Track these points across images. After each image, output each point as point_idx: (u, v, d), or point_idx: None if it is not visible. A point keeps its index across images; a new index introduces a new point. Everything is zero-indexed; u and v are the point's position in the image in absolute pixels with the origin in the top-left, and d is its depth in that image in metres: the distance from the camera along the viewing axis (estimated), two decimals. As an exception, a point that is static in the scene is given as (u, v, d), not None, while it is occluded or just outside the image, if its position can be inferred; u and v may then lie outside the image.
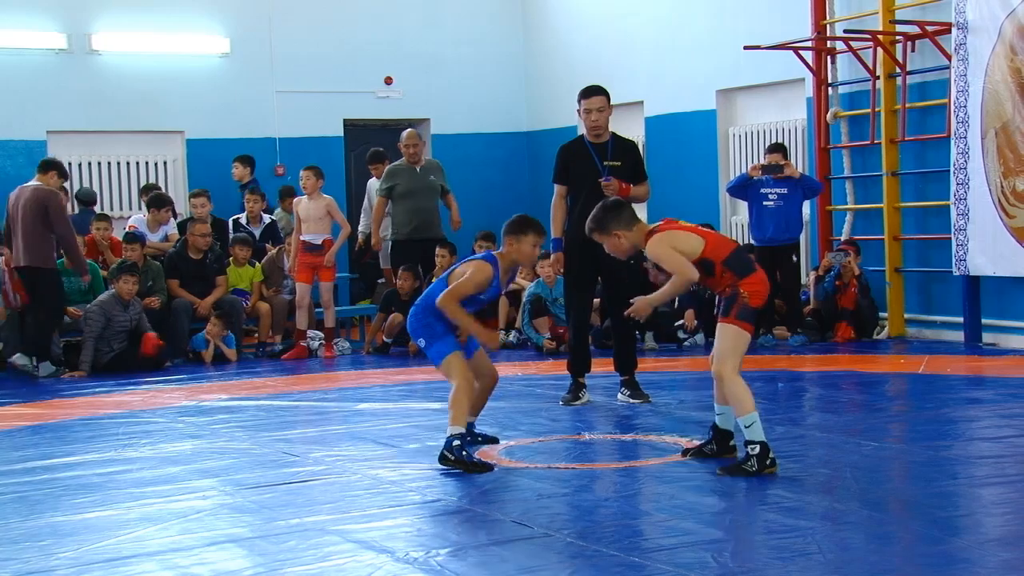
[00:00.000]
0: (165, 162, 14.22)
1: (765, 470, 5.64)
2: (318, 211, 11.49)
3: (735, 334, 5.77)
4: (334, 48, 14.89)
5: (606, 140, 8.05)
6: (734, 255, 5.85)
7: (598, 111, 8.00)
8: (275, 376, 10.33)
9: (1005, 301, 10.66)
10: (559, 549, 4.62)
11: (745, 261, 5.90)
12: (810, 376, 9.44)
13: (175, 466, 6.50)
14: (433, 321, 6.32)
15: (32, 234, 10.59)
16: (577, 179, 8.00)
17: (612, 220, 5.98)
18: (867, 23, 11.41)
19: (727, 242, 6.02)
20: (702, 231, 5.96)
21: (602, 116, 8.01)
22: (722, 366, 5.78)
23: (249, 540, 4.91)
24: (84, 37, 13.77)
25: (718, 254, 5.81)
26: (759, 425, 5.68)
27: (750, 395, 5.71)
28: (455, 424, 6.13)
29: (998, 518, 5.01)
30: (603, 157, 8.00)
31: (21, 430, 7.92)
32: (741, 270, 5.82)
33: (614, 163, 7.98)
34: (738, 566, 4.32)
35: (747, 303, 5.78)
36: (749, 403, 5.68)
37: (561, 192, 8.09)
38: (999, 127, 10.19)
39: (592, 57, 14.89)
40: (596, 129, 8.02)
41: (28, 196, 10.65)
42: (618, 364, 8.21)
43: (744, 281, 5.79)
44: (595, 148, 8.04)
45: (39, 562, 4.69)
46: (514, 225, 6.51)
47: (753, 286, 5.81)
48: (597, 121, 8.01)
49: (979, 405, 7.72)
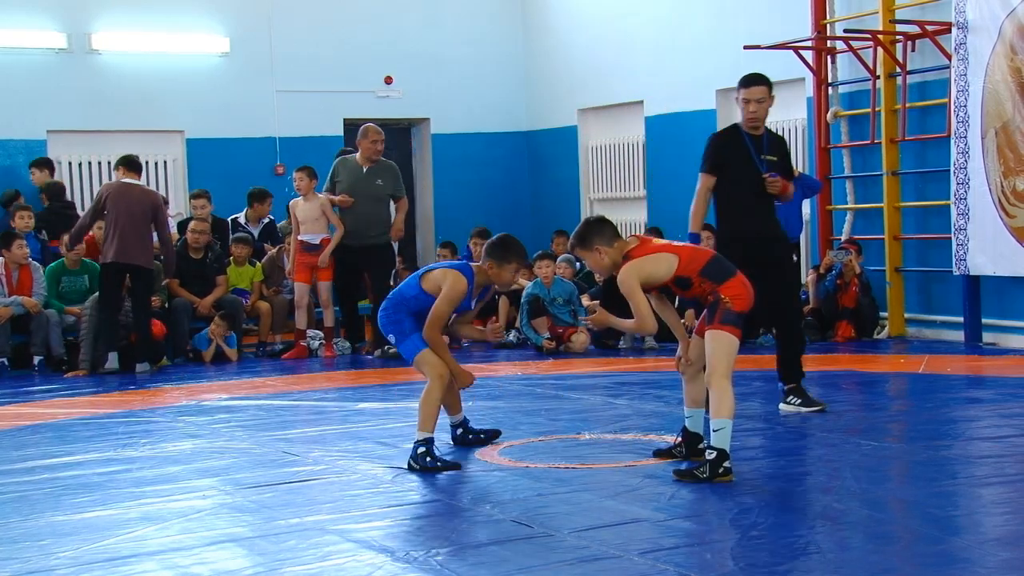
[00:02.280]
0: (165, 162, 14.22)
1: (717, 478, 5.56)
2: (314, 211, 11.50)
3: (722, 340, 5.72)
4: (334, 48, 14.88)
5: (762, 133, 7.51)
6: (709, 264, 5.80)
7: (757, 102, 7.41)
8: (275, 376, 10.33)
9: (1005, 301, 10.66)
10: (559, 549, 4.62)
11: (722, 267, 5.83)
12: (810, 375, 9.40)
13: (175, 465, 6.50)
14: (402, 318, 6.35)
15: (142, 234, 10.67)
16: (733, 173, 7.40)
17: (595, 236, 5.88)
18: (867, 23, 11.41)
19: (702, 253, 5.92)
20: (675, 247, 5.89)
21: (762, 107, 7.42)
22: (714, 371, 5.72)
23: (249, 539, 4.91)
24: (84, 36, 13.76)
25: (692, 268, 5.77)
26: (728, 433, 5.62)
27: (733, 404, 5.66)
28: (423, 429, 6.17)
29: (998, 518, 5.01)
30: (761, 151, 7.45)
31: (21, 429, 7.92)
32: (718, 276, 5.77)
33: (771, 158, 7.47)
34: (738, 566, 4.32)
35: (730, 308, 5.73)
36: (728, 410, 5.62)
37: (708, 184, 7.45)
38: (999, 127, 10.18)
39: (592, 57, 14.89)
40: (754, 121, 7.43)
41: (137, 196, 10.71)
42: (783, 371, 7.56)
43: (723, 286, 5.75)
44: (752, 141, 7.46)
45: (39, 561, 4.69)
46: (498, 249, 6.38)
47: (733, 290, 5.76)
48: (756, 113, 7.42)
49: (979, 405, 7.72)
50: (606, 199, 15.07)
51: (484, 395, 8.67)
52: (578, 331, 11.35)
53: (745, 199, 7.39)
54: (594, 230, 5.89)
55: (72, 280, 11.33)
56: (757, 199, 7.41)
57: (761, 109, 7.43)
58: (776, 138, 7.73)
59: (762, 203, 7.45)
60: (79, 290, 11.34)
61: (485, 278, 6.40)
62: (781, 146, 7.68)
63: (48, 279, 11.25)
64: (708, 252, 5.97)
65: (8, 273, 11.09)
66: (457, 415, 6.80)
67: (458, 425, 6.82)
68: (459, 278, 6.29)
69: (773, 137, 7.66)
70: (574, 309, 11.56)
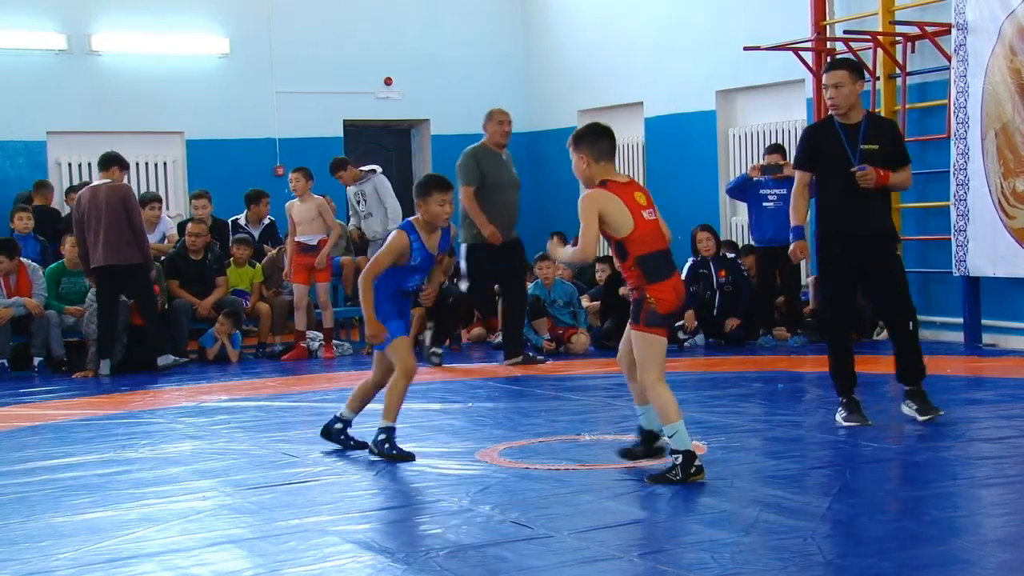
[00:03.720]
0: (165, 163, 14.22)
1: (690, 478, 5.56)
2: (310, 212, 11.50)
3: (648, 342, 5.67)
4: (334, 49, 14.89)
5: (858, 121, 6.97)
6: (652, 256, 5.69)
7: (835, 87, 6.92)
8: (275, 377, 10.33)
9: (1005, 302, 10.66)
10: (559, 550, 4.62)
11: (660, 267, 5.71)
12: (810, 377, 9.43)
13: (175, 467, 6.50)
14: (379, 303, 6.35)
15: (116, 232, 10.47)
16: (825, 166, 6.99)
17: (587, 142, 5.86)
18: (867, 24, 11.41)
19: (655, 241, 5.72)
20: (643, 219, 5.71)
21: (840, 93, 6.91)
22: (644, 376, 5.71)
23: (249, 541, 4.91)
24: (84, 38, 13.77)
25: (638, 248, 5.67)
26: (684, 434, 5.59)
27: (675, 404, 5.63)
28: (386, 418, 6.37)
29: (998, 519, 5.01)
30: (855, 141, 6.94)
31: (21, 430, 7.92)
32: (652, 274, 5.67)
33: (870, 147, 6.91)
34: (738, 566, 4.32)
35: (654, 309, 5.64)
36: (673, 412, 5.60)
37: (804, 180, 7.09)
38: (999, 128, 10.18)
39: (592, 58, 14.90)
40: (835, 109, 6.98)
41: (105, 194, 10.54)
42: (900, 373, 7.16)
43: (652, 286, 5.66)
44: (845, 130, 6.96)
45: (39, 563, 4.69)
46: (419, 187, 6.51)
47: (662, 293, 5.65)
48: (834, 99, 6.95)
49: (979, 406, 7.72)
50: (606, 200, 15.05)
51: (484, 396, 8.68)
52: (578, 332, 11.35)
53: (835, 195, 6.98)
54: (591, 139, 5.88)
55: (72, 281, 11.33)
56: (848, 194, 6.92)
57: (839, 95, 6.91)
58: (880, 124, 7.17)
59: (855, 198, 6.91)
60: (79, 291, 11.33)
61: (423, 224, 6.44)
62: (886, 133, 7.06)
63: (48, 280, 11.25)
64: (659, 244, 5.75)
65: (6, 275, 11.09)
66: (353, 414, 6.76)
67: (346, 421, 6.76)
68: (398, 234, 6.42)
69: (876, 123, 7.11)
70: (574, 310, 11.57)
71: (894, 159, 6.99)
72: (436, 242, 6.51)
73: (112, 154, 10.92)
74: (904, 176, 7.06)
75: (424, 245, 6.42)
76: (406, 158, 16.02)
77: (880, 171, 6.85)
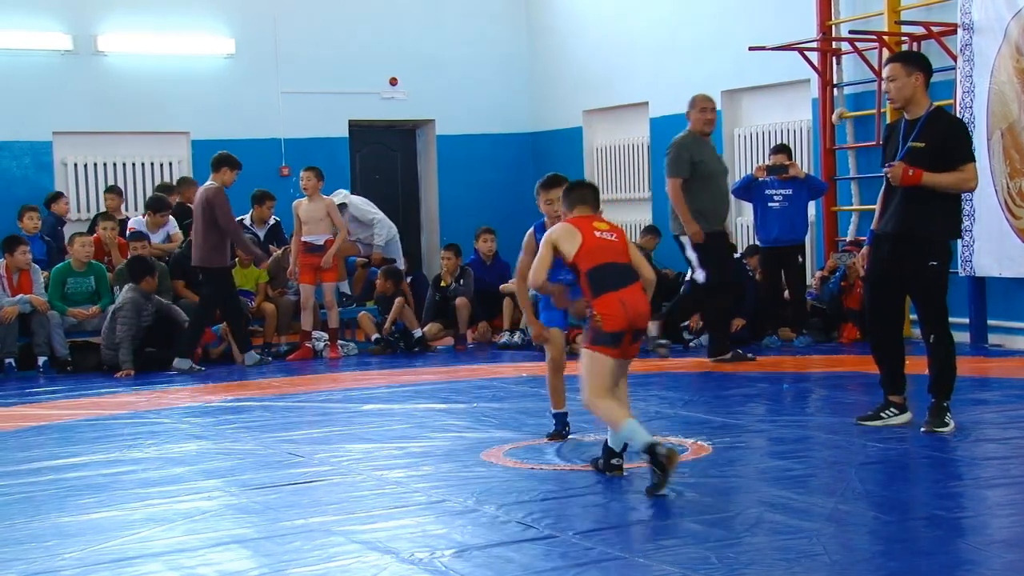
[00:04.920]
0: (170, 163, 14.23)
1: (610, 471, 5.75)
2: (319, 212, 11.53)
3: (590, 360, 5.68)
4: (338, 49, 14.89)
5: (919, 116, 6.67)
6: (598, 270, 5.67)
7: (889, 80, 6.67)
8: (280, 377, 10.34)
9: (1011, 302, 10.64)
10: (564, 550, 4.62)
11: (605, 279, 5.66)
12: (815, 377, 9.43)
13: (180, 467, 6.51)
14: (542, 300, 6.63)
15: (201, 234, 10.75)
16: (884, 162, 6.81)
17: (565, 194, 6.10)
18: (872, 24, 11.39)
19: (605, 255, 5.71)
20: (593, 237, 5.74)
21: (893, 86, 6.65)
22: (582, 394, 5.74)
23: (254, 541, 4.92)
24: (89, 38, 13.77)
25: (586, 262, 5.70)
26: (638, 430, 5.54)
27: (616, 408, 5.63)
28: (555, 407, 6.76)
29: (1004, 519, 5.00)
30: (908, 137, 6.67)
31: (26, 430, 7.93)
32: (596, 288, 5.65)
33: (918, 144, 6.60)
34: (743, 567, 4.31)
35: (600, 328, 5.60)
36: (619, 416, 5.59)
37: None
38: (1005, 128, 10.17)
39: (596, 58, 14.89)
40: (892, 103, 6.80)
41: (199, 196, 10.88)
42: (928, 383, 6.88)
43: (597, 300, 5.64)
44: (907, 126, 6.71)
45: (44, 562, 4.70)
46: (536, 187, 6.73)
47: (606, 308, 5.61)
48: (890, 93, 6.71)
49: (985, 406, 7.71)
50: (611, 200, 15.05)
51: (489, 396, 8.68)
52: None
53: (886, 192, 6.81)
54: (569, 189, 6.08)
55: (78, 281, 11.34)
56: (889, 192, 6.76)
57: (893, 88, 6.66)
58: (936, 120, 6.71)
59: (894, 196, 6.71)
60: (85, 291, 11.35)
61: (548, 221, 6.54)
62: (937, 130, 6.65)
63: (53, 280, 11.26)
64: (608, 257, 5.71)
65: (9, 275, 11.12)
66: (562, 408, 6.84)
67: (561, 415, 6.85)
68: (530, 232, 6.66)
69: (933, 119, 6.69)
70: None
71: (943, 158, 6.60)
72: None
73: (221, 155, 11.10)
74: (951, 178, 6.60)
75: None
76: (411, 158, 16.02)
77: (910, 169, 6.55)
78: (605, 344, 5.63)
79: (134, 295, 10.74)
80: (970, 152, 6.73)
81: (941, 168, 6.59)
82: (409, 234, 15.84)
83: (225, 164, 10.92)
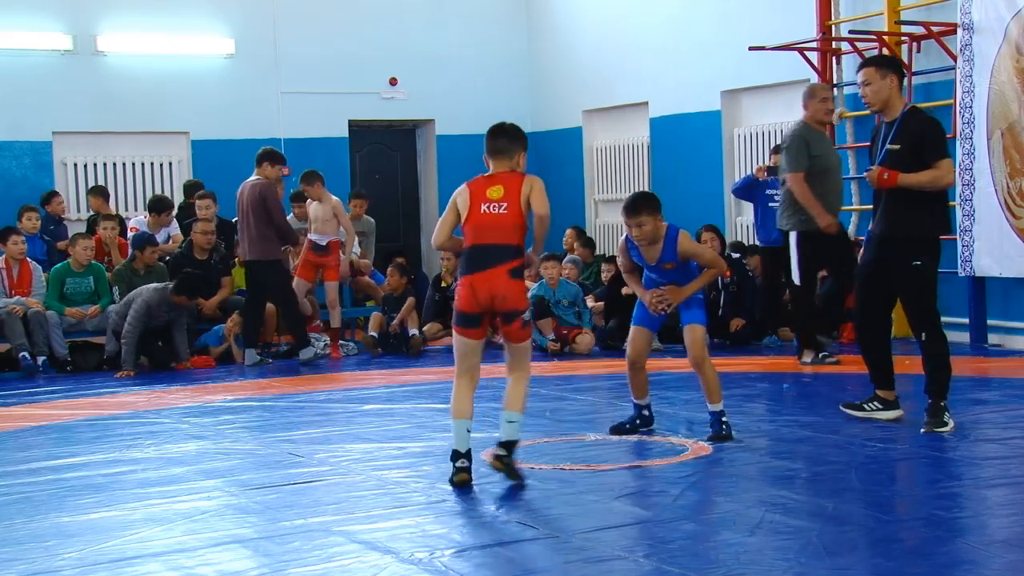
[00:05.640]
0: (170, 163, 14.23)
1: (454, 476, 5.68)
2: (326, 212, 11.59)
3: (453, 340, 5.82)
4: (339, 49, 14.89)
5: (895, 118, 6.74)
6: (469, 250, 5.74)
7: (864, 84, 6.78)
8: (280, 377, 10.33)
9: (1011, 302, 10.65)
10: (563, 550, 4.62)
11: (469, 262, 5.71)
12: (815, 377, 9.43)
13: (180, 467, 6.51)
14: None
15: (254, 228, 10.80)
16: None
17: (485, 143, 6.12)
18: (872, 24, 11.39)
19: (479, 234, 5.71)
20: (478, 212, 5.71)
21: (869, 90, 6.75)
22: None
23: (254, 541, 4.91)
24: (89, 38, 13.78)
25: (466, 241, 5.77)
26: (459, 434, 5.68)
27: (458, 400, 5.72)
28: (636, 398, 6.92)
29: (1003, 519, 5.00)
30: (886, 139, 6.77)
31: (26, 430, 7.93)
32: (463, 267, 5.77)
33: (893, 146, 6.71)
34: (743, 567, 4.31)
35: (456, 307, 5.77)
36: (454, 410, 5.73)
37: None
38: (1005, 128, 10.17)
39: (596, 58, 14.89)
40: (869, 106, 6.86)
41: (248, 191, 10.89)
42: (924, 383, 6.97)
43: (459, 281, 5.78)
44: (885, 128, 6.82)
45: (44, 563, 4.70)
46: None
47: (459, 290, 5.75)
48: (865, 97, 6.81)
49: (984, 406, 7.71)
50: (611, 200, 15.06)
51: (489, 396, 8.66)
52: (583, 332, 11.35)
53: (875, 194, 6.94)
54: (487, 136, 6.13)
55: (77, 282, 11.33)
56: (875, 195, 6.92)
57: (868, 92, 6.74)
58: (910, 121, 6.75)
59: (879, 199, 6.84)
60: (84, 292, 11.34)
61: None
62: (910, 130, 6.71)
63: (52, 280, 11.26)
64: (482, 238, 5.71)
65: (8, 268, 11.12)
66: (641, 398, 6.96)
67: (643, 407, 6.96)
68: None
69: (907, 120, 6.75)
70: (579, 310, 11.56)
71: (919, 157, 6.66)
72: (656, 254, 6.60)
73: (265, 150, 11.15)
74: (924, 177, 6.64)
75: (641, 254, 6.63)
76: (411, 158, 16.02)
77: (884, 173, 6.65)
78: (458, 324, 5.77)
79: (157, 296, 10.68)
80: (944, 149, 6.78)
81: (918, 167, 6.66)
82: (409, 234, 15.86)
83: (267, 159, 11.00)
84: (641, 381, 6.89)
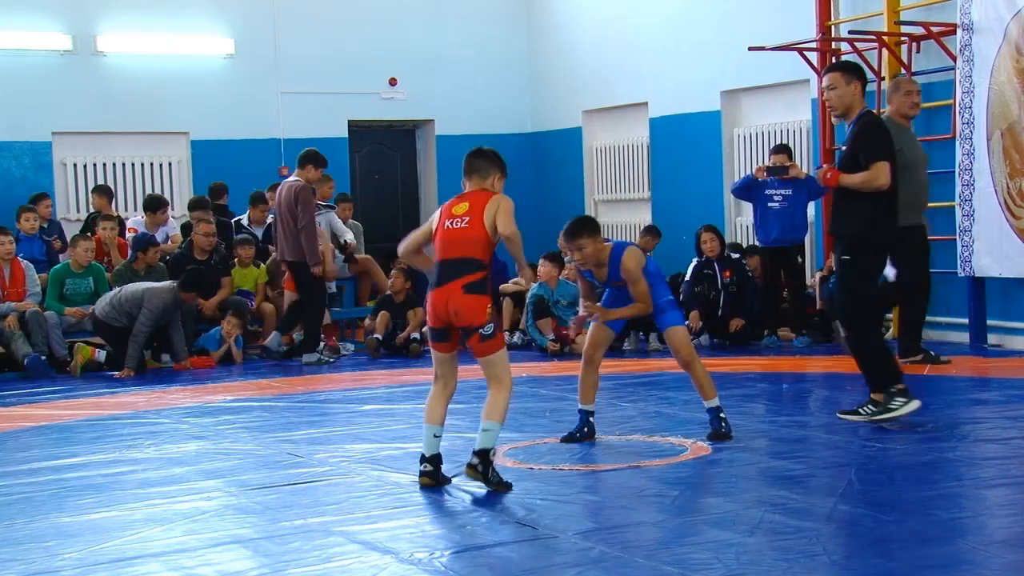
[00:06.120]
0: (170, 163, 14.23)
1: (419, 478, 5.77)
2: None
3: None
4: (338, 49, 14.89)
5: (851, 122, 7.00)
6: (436, 267, 5.76)
7: (829, 89, 6.97)
8: (279, 377, 10.34)
9: (1010, 302, 10.64)
10: (564, 550, 4.62)
11: (434, 277, 5.75)
12: (815, 377, 9.44)
13: (180, 467, 6.51)
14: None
15: (291, 229, 10.87)
16: None
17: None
18: (872, 24, 11.39)
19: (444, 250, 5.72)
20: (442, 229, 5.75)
21: (833, 95, 6.94)
22: None
23: (254, 541, 4.92)
24: (89, 39, 13.78)
25: (435, 257, 5.80)
26: (427, 439, 5.80)
27: (430, 407, 5.83)
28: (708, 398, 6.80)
29: (1003, 520, 5.00)
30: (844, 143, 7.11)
31: (26, 431, 7.93)
32: (431, 283, 5.83)
33: (843, 148, 7.09)
34: (743, 567, 4.31)
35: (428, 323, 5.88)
36: (426, 415, 5.83)
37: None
38: (1005, 128, 10.17)
39: (596, 58, 14.89)
40: (832, 111, 7.08)
41: (283, 192, 10.97)
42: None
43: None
44: (845, 133, 7.14)
45: (44, 563, 4.70)
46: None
47: (427, 303, 5.85)
48: (829, 101, 7.02)
49: (984, 406, 7.71)
50: (610, 200, 15.07)
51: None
52: (582, 332, 11.33)
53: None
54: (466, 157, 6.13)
55: (76, 283, 11.33)
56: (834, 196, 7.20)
57: (834, 97, 6.93)
58: (858, 124, 6.96)
59: (837, 200, 7.11)
60: (84, 292, 11.34)
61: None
62: (855, 133, 6.94)
63: (52, 281, 11.26)
64: (446, 253, 5.72)
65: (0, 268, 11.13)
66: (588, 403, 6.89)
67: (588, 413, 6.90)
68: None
69: (857, 124, 6.96)
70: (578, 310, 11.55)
71: (857, 159, 6.85)
72: (604, 274, 6.73)
73: (309, 152, 11.14)
74: (858, 178, 6.80)
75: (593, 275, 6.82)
76: (411, 158, 16.03)
77: (828, 172, 6.96)
78: (430, 338, 5.89)
79: (171, 297, 10.68)
80: (881, 152, 6.86)
81: (859, 169, 6.86)
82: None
83: (310, 161, 11.01)
84: (592, 382, 6.85)
